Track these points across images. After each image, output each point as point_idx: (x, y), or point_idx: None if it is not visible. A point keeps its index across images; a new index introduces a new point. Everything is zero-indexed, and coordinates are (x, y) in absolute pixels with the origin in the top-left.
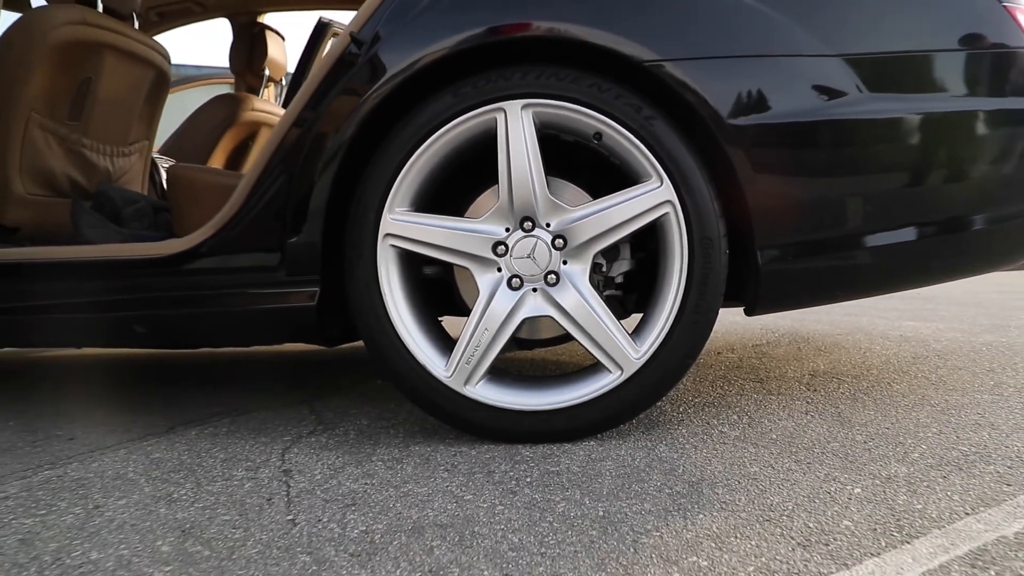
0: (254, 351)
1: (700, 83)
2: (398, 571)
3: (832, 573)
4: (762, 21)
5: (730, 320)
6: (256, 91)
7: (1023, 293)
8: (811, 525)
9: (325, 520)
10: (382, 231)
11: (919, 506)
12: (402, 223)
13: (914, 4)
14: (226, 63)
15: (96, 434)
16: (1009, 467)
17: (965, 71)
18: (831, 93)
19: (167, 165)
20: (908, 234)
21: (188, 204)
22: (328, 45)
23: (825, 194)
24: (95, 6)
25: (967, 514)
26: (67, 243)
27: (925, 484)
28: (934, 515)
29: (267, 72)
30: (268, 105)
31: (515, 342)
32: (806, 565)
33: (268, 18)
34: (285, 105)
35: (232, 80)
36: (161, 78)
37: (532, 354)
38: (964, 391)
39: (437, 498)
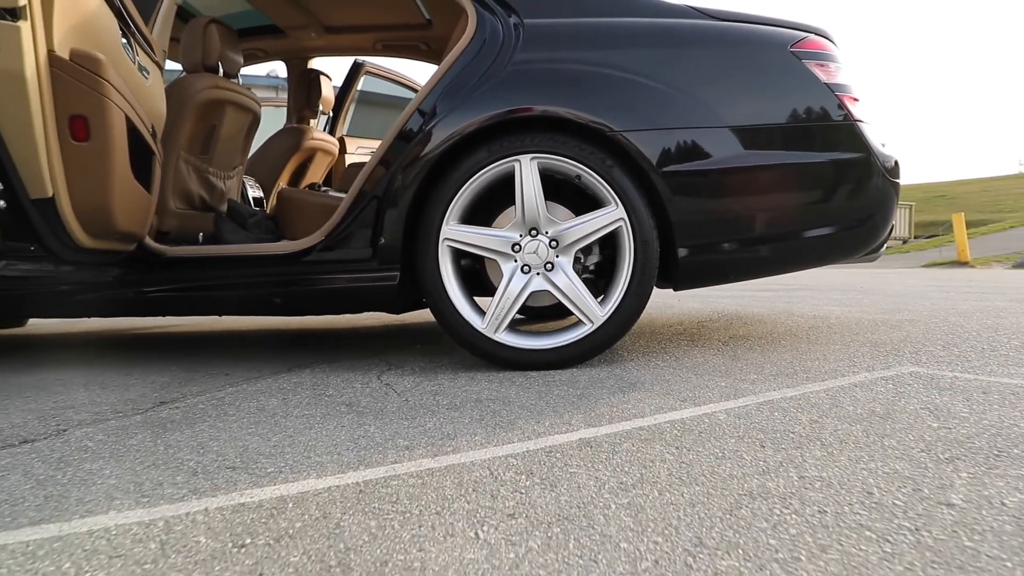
0: (313, 326)
1: (643, 144)
2: (476, 412)
3: (687, 408)
4: (682, 104)
5: (688, 305)
6: (307, 121)
7: (950, 286)
8: (688, 395)
9: (424, 400)
10: (442, 237)
11: (752, 388)
12: (456, 231)
13: (772, 92)
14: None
15: (241, 371)
16: (792, 374)
17: (807, 136)
18: (722, 150)
19: (251, 182)
20: (779, 239)
21: (295, 216)
22: (361, 82)
23: (718, 213)
24: (218, 72)
25: (774, 391)
26: (205, 244)
27: (762, 382)
28: (756, 391)
29: (320, 107)
30: (321, 135)
31: (524, 311)
32: (680, 406)
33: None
34: (329, 131)
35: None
36: (255, 120)
37: (532, 327)
38: (825, 344)
39: (485, 391)
